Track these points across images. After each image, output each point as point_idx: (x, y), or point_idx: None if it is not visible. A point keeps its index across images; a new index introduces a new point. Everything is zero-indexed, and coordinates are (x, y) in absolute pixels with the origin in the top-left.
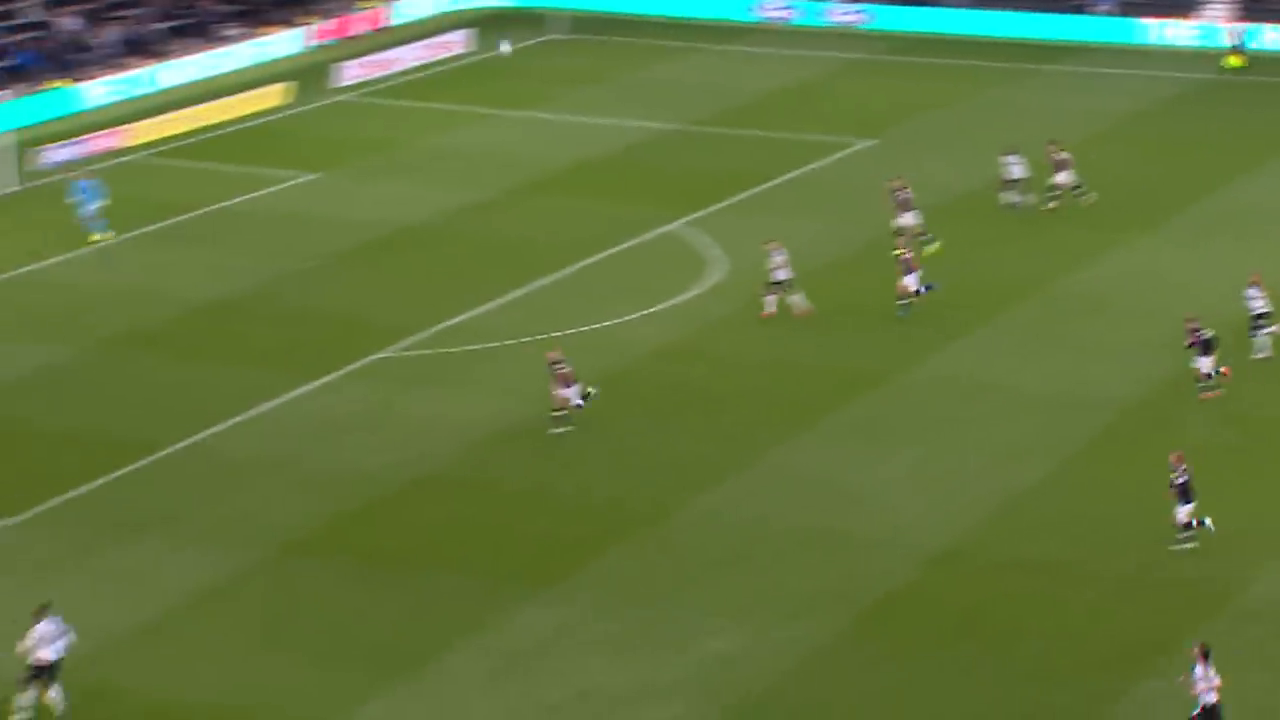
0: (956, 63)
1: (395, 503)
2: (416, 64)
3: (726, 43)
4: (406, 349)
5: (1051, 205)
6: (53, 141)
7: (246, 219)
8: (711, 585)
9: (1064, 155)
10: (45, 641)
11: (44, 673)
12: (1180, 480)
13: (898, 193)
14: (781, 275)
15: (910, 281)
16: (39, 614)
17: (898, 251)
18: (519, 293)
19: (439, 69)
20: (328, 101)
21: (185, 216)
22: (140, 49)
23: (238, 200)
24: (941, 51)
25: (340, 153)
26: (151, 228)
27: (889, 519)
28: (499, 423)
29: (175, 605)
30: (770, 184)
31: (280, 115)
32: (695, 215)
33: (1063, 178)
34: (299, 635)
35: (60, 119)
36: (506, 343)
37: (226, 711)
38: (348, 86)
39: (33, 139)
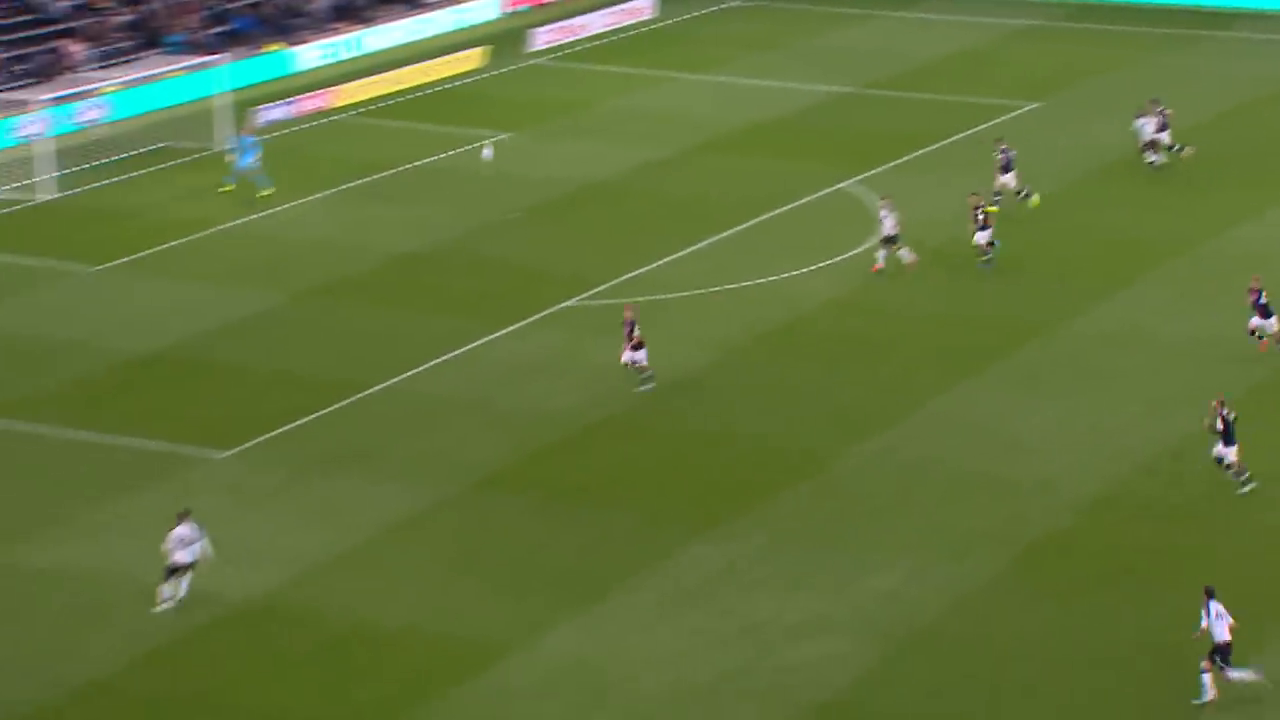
0: (1127, 29)
1: (578, 443)
2: (604, 29)
3: (904, 9)
4: (590, 298)
5: (1153, 160)
6: (267, 102)
7: (443, 176)
8: (875, 526)
9: (1165, 113)
10: (182, 544)
11: (179, 571)
12: (1223, 423)
13: (1002, 153)
14: (890, 231)
15: (982, 237)
16: (180, 518)
17: (990, 209)
18: (696, 247)
19: (624, 34)
20: (521, 65)
21: (387, 173)
22: (349, 15)
23: (436, 158)
24: (1113, 18)
25: (531, 114)
26: (356, 184)
27: (1045, 465)
28: (676, 369)
29: (373, 535)
30: (939, 145)
31: (476, 78)
32: (866, 174)
33: (1164, 136)
34: (487, 565)
35: (274, 80)
36: (684, 294)
37: (420, 634)
38: (539, 51)
39: (250, 99)
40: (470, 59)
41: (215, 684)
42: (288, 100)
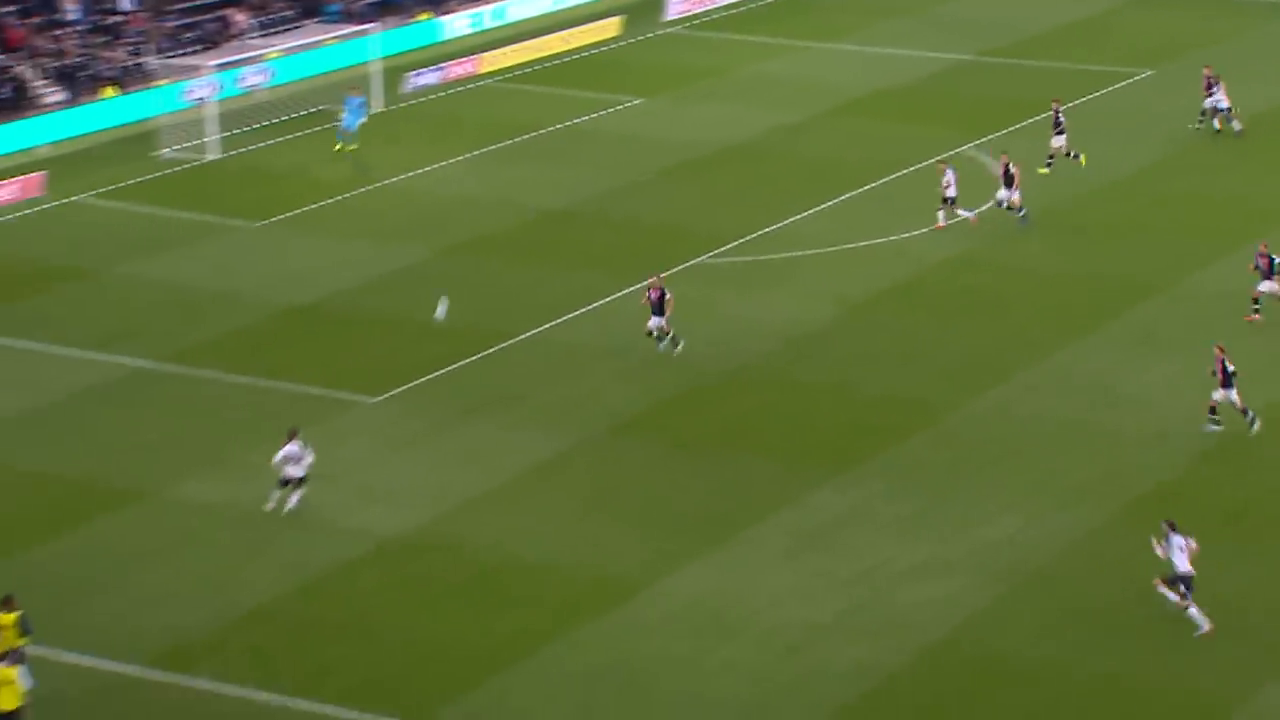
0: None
1: (709, 392)
2: None
3: None
4: (725, 255)
5: (1197, 125)
6: (418, 68)
7: (584, 138)
8: (991, 474)
9: (1214, 79)
10: (291, 460)
11: (289, 483)
12: (1223, 369)
13: (1057, 113)
14: (951, 193)
15: (1005, 195)
16: (290, 436)
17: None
18: (824, 206)
19: (758, 4)
20: (657, 33)
21: (530, 135)
22: None
23: (576, 121)
24: None
25: (667, 79)
26: (500, 145)
27: (1159, 418)
28: (805, 323)
29: (515, 476)
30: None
31: (615, 46)
32: (986, 138)
33: (1209, 102)
34: (621, 505)
35: (424, 48)
36: (812, 251)
37: (557, 569)
38: (675, 20)
39: (401, 66)
40: (608, 27)
41: (366, 612)
42: (437, 66)
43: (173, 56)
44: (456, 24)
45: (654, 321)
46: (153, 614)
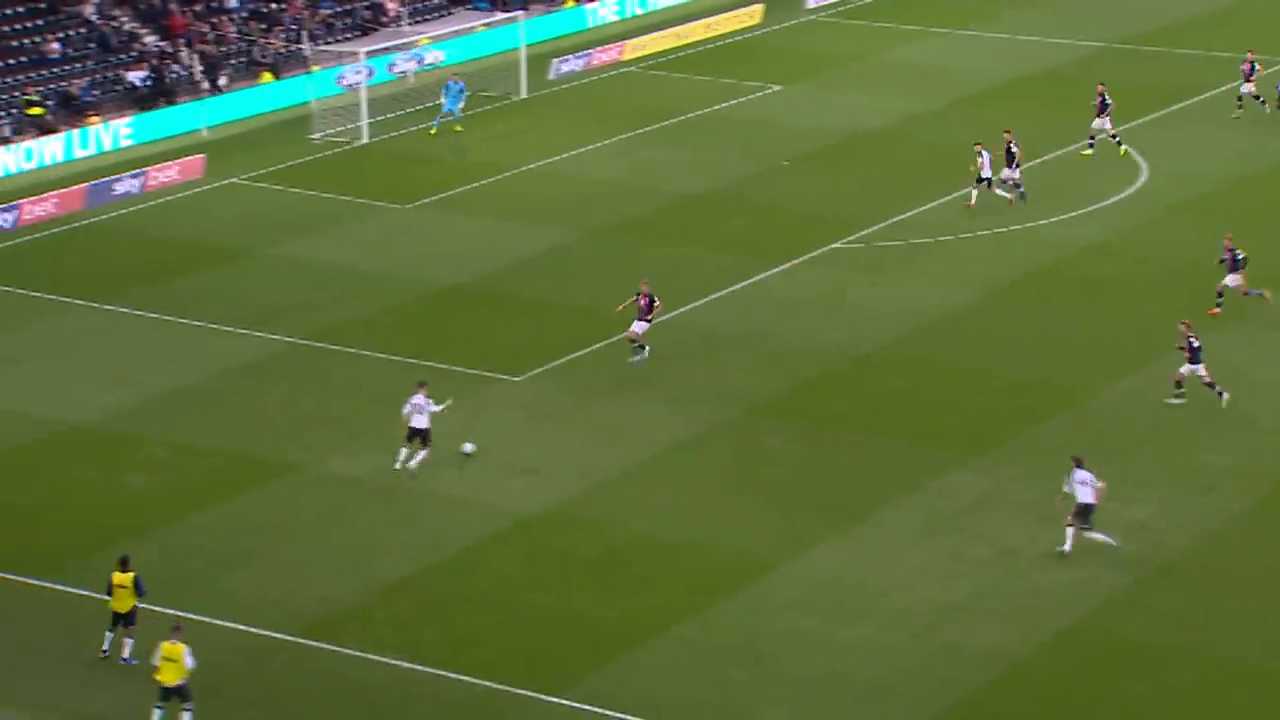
0: None
1: (845, 375)
2: None
3: None
4: (859, 240)
5: (1238, 114)
6: (565, 54)
7: (723, 123)
8: (1129, 459)
9: (1255, 64)
10: (418, 411)
11: (415, 436)
12: (1189, 345)
13: (1102, 95)
14: (985, 173)
15: (1007, 174)
16: (418, 387)
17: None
18: (962, 193)
19: None
20: (797, 20)
21: (671, 121)
22: None
23: (718, 107)
24: None
25: (806, 66)
26: (644, 130)
27: None
28: (940, 308)
29: (653, 455)
30: (1191, 100)
31: (756, 33)
32: (1124, 126)
33: (1247, 88)
34: (757, 486)
35: (571, 35)
36: (949, 237)
37: (694, 547)
38: (815, 7)
39: (548, 52)
40: (749, 15)
41: (506, 584)
42: (583, 53)
43: (327, 43)
44: (602, 11)
45: (637, 327)
46: (301, 584)
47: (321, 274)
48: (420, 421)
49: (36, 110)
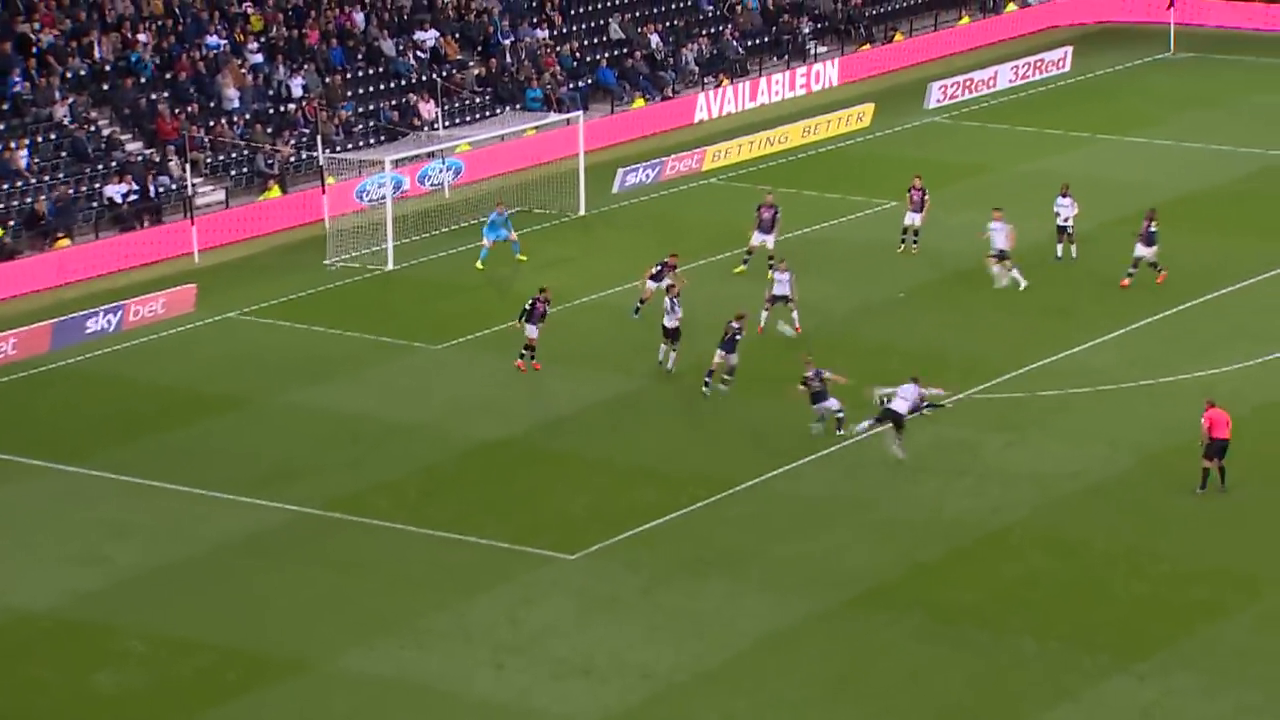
0: None
1: (974, 555)
2: (1012, 85)
3: None
4: (989, 389)
5: None
6: (629, 163)
7: (823, 247)
8: None
9: None
10: (901, 399)
11: (891, 418)
12: (813, 382)
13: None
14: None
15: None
16: (913, 380)
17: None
18: (1113, 334)
19: (1040, 90)
20: (915, 124)
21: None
22: (724, 66)
23: (814, 228)
24: None
25: (927, 179)
26: (724, 255)
27: None
28: (1089, 475)
29: (739, 650)
30: None
31: (862, 139)
32: None
33: None
34: (865, 691)
35: (638, 140)
36: (1096, 388)
37: None
38: (936, 108)
39: (611, 161)
40: (857, 117)
41: None
42: (654, 161)
43: (346, 150)
44: (677, 112)
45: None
46: None
47: (337, 428)
48: (901, 406)
49: None
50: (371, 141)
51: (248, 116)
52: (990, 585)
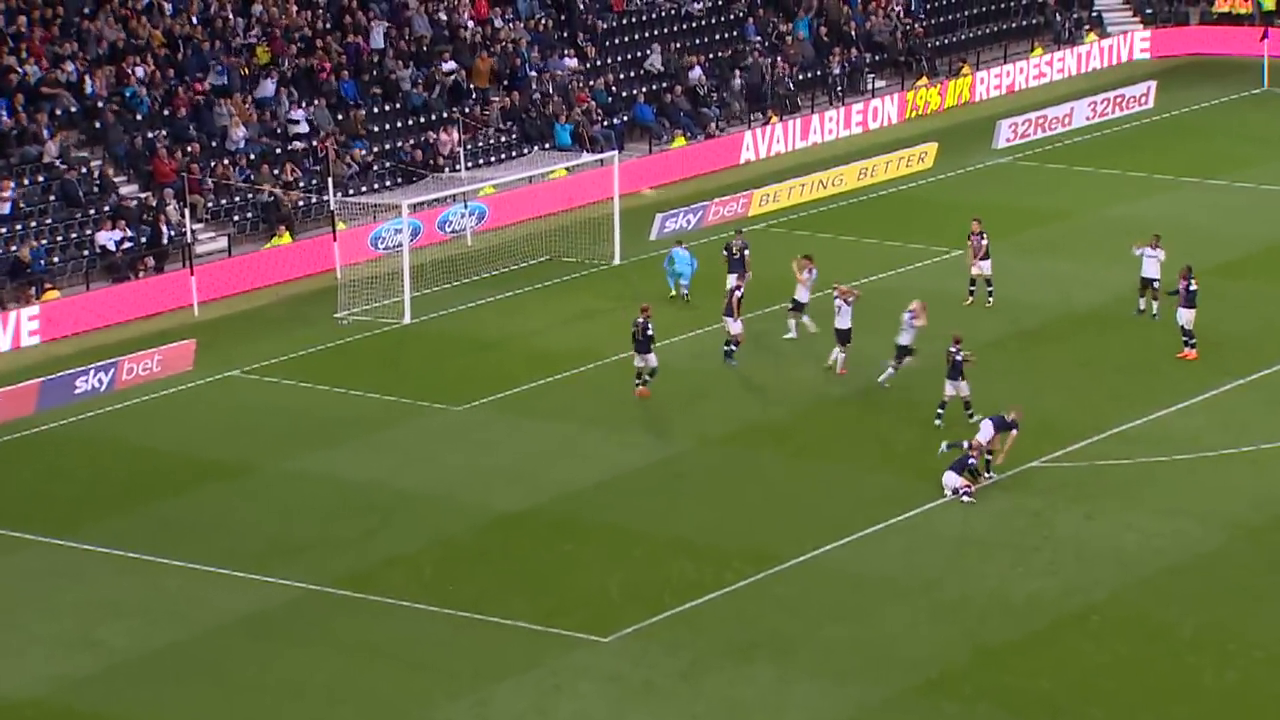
0: None
1: (1047, 639)
2: (1089, 123)
3: None
4: (1062, 458)
5: None
6: (666, 209)
7: (883, 299)
8: None
9: None
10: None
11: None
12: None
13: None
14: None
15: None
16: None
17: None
18: (1201, 397)
19: (1119, 129)
20: (980, 165)
21: (817, 294)
22: (766, 101)
23: (872, 279)
24: None
25: (994, 225)
26: (772, 309)
27: None
28: (1175, 550)
29: None
30: None
31: (925, 181)
32: None
33: None
34: None
35: (679, 182)
36: (1182, 456)
37: None
38: (1005, 148)
39: (650, 205)
40: (919, 158)
41: None
42: (696, 206)
43: (360, 193)
44: (721, 152)
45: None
46: None
47: (348, 497)
48: (843, 321)
49: None
50: (387, 183)
51: (252, 157)
52: (1066, 673)
